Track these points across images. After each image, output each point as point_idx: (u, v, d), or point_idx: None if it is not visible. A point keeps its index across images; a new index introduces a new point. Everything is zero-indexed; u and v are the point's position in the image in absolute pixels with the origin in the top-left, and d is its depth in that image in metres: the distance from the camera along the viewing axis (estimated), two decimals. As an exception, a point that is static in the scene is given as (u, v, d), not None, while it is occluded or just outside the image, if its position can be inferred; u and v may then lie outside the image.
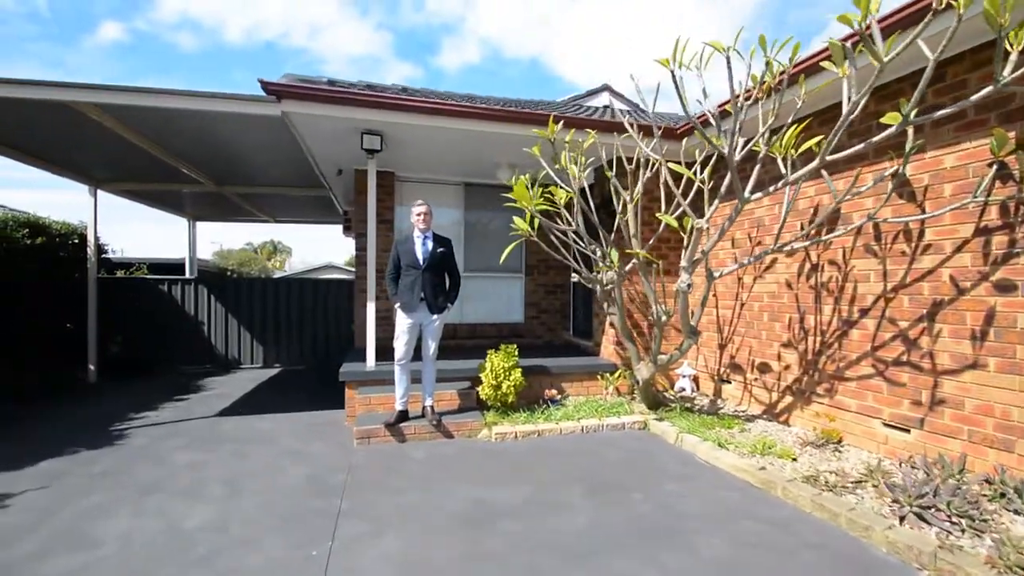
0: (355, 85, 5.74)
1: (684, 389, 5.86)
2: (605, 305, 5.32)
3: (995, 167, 3.12)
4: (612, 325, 5.93)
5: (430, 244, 4.52)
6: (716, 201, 3.88)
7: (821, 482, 3.34)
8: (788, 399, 4.73)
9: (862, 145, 3.28)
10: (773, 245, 4.04)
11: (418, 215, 4.50)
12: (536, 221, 4.40)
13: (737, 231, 5.35)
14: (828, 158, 3.31)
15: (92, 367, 7.21)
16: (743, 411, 5.17)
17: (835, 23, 2.74)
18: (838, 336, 4.22)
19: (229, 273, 18.32)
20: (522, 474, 3.73)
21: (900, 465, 3.52)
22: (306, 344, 9.08)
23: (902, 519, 2.82)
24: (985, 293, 3.21)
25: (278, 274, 31.15)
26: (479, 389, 4.88)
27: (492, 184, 7.42)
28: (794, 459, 3.82)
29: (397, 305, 4.52)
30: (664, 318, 4.48)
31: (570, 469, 3.82)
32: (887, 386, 3.82)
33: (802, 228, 4.57)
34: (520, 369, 4.86)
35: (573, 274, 5.74)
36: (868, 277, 3.98)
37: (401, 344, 4.47)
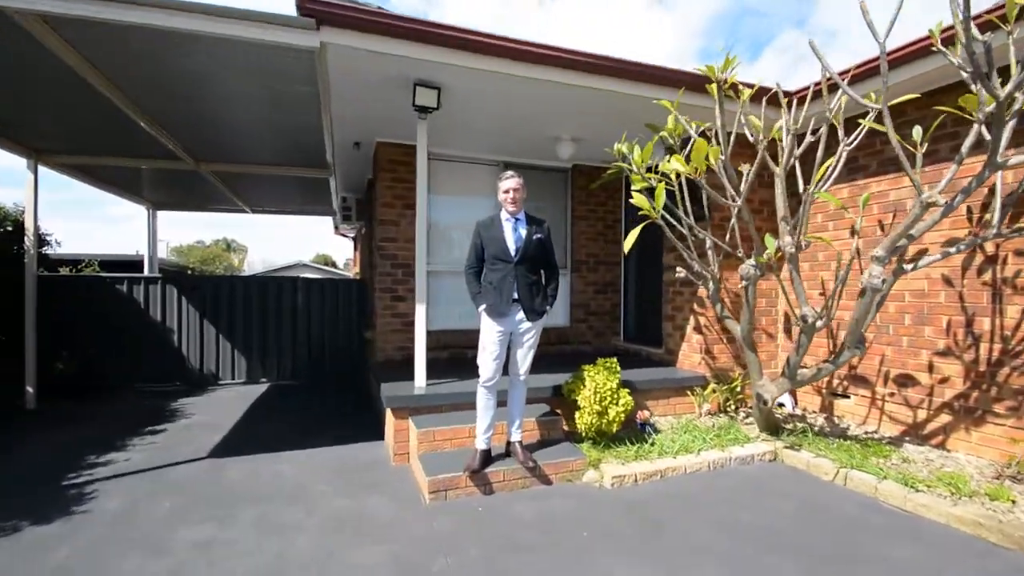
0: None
1: (784, 405, 4.99)
2: (718, 307, 4.35)
3: None
4: (724, 330, 4.98)
5: (523, 230, 3.42)
6: (954, 166, 2.89)
7: (1108, 544, 2.48)
8: (945, 418, 3.91)
9: None
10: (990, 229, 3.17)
11: (506, 192, 3.39)
12: (662, 200, 3.37)
13: (860, 218, 4.50)
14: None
15: (31, 389, 5.62)
16: (874, 432, 4.33)
17: None
18: (1034, 344, 3.42)
19: (190, 271, 16.31)
20: (688, 541, 2.69)
21: None
22: (300, 355, 7.68)
23: None
24: None
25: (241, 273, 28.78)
26: (577, 416, 3.79)
27: (536, 165, 6.35)
28: (1012, 500, 2.97)
29: (482, 308, 3.40)
30: (819, 323, 3.55)
31: (740, 530, 2.82)
32: (1124, 407, 3.03)
33: (969, 213, 3.76)
34: (627, 389, 3.82)
35: (678, 270, 4.74)
36: (1089, 270, 3.18)
37: (490, 359, 3.35)
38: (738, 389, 4.90)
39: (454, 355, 5.79)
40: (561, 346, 6.32)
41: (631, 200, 3.67)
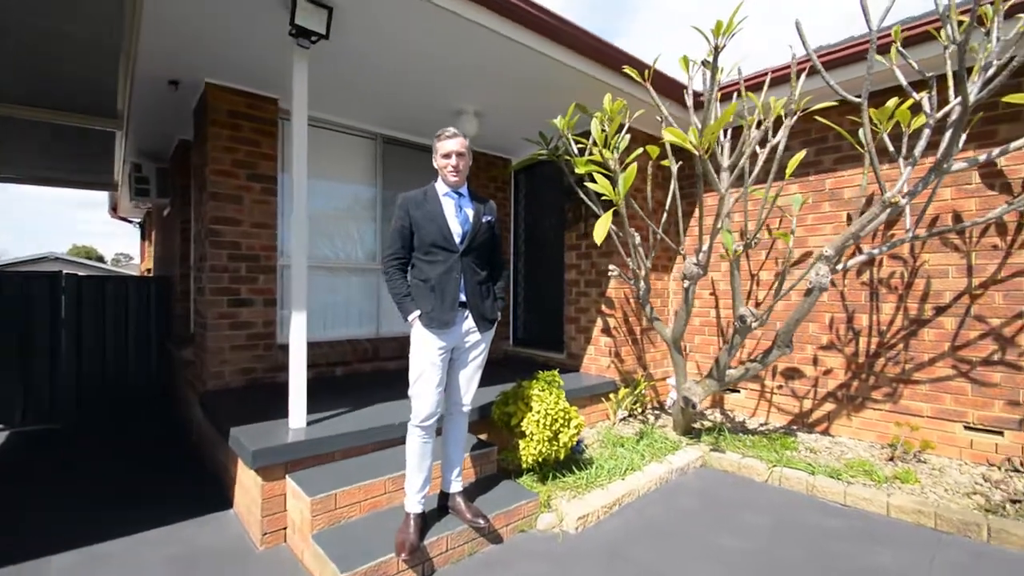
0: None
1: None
2: (647, 308, 4.06)
3: None
4: (630, 332, 4.72)
5: (470, 209, 2.57)
6: (908, 168, 2.94)
7: (1012, 511, 2.78)
8: (829, 407, 4.28)
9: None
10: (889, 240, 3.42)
11: (446, 156, 2.49)
12: (629, 183, 2.87)
13: (751, 223, 4.73)
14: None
15: None
16: (766, 425, 4.58)
17: None
18: (904, 336, 3.89)
19: None
20: (697, 595, 2.23)
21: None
22: (63, 386, 5.29)
23: None
24: (1110, 288, 3.11)
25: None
26: (521, 445, 3.05)
27: (424, 145, 5.40)
28: (919, 482, 3.27)
29: (414, 317, 2.44)
30: (755, 324, 3.49)
31: (735, 561, 2.48)
32: (972, 387, 3.58)
33: (848, 220, 4.16)
34: (574, 408, 3.24)
35: (611, 268, 4.31)
36: (946, 273, 3.70)
37: (428, 389, 2.42)
38: (643, 392, 4.77)
39: (320, 375, 4.52)
40: (449, 355, 5.48)
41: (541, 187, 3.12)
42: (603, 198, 3.01)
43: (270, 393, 3.85)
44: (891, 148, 3.30)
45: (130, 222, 10.96)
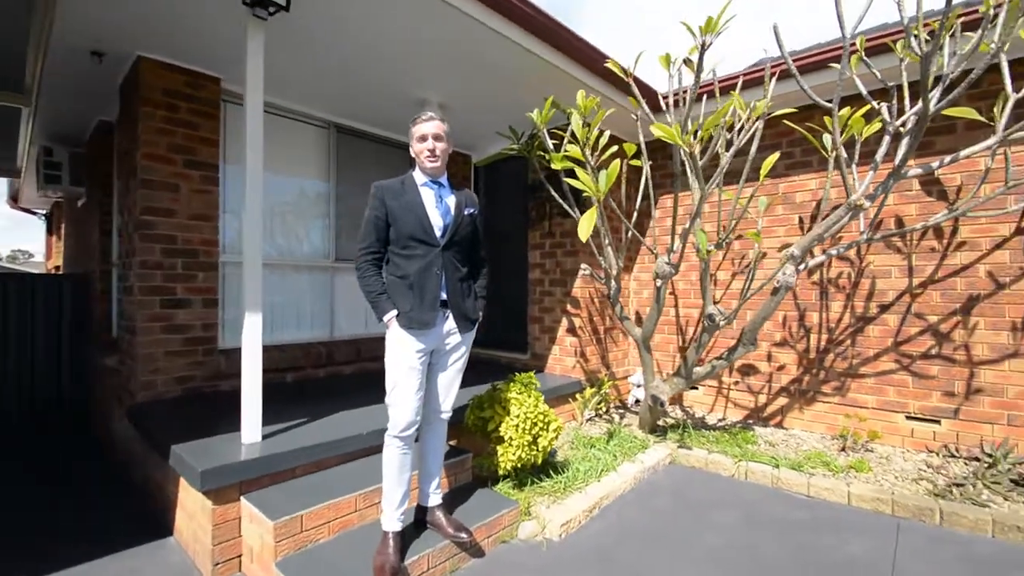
0: None
1: (640, 400, 5.09)
2: (617, 308, 4.03)
3: (1042, 170, 3.35)
4: (595, 331, 4.68)
5: (451, 200, 2.41)
6: (870, 172, 3.07)
7: (957, 494, 2.98)
8: (783, 401, 4.47)
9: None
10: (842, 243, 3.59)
11: (422, 139, 2.33)
12: (612, 179, 2.81)
13: (707, 224, 4.86)
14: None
15: None
16: (723, 420, 4.72)
17: None
18: (851, 333, 4.12)
19: None
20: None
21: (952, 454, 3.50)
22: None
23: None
24: (1028, 287, 3.43)
25: None
26: (499, 451, 2.91)
27: (380, 136, 5.13)
28: (871, 470, 3.46)
29: (390, 317, 2.24)
30: (723, 322, 3.55)
31: (726, 561, 2.49)
32: (913, 380, 3.85)
33: (800, 223, 4.36)
34: (552, 410, 3.14)
35: (583, 267, 4.24)
36: (889, 273, 3.96)
37: (407, 395, 2.23)
38: (607, 391, 4.77)
39: (269, 382, 4.14)
40: (408, 357, 5.23)
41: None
42: (584, 194, 2.94)
43: (212, 404, 3.48)
44: (844, 155, 3.50)
45: (34, 214, 9.72)
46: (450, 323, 2.35)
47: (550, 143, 3.61)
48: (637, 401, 5.09)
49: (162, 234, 3.63)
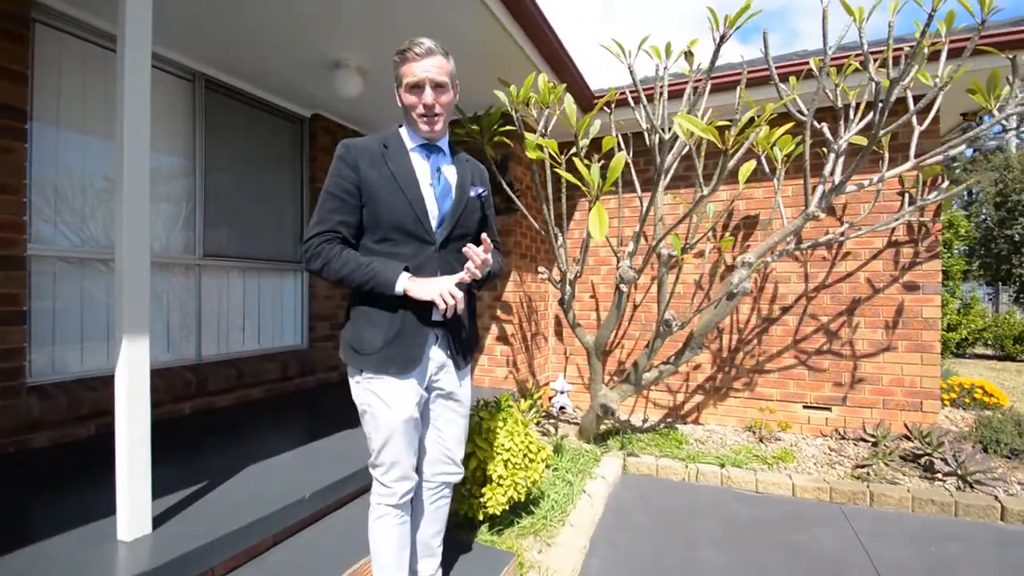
0: None
1: (564, 407, 4.95)
2: (570, 315, 3.74)
3: (906, 196, 4.03)
4: (524, 339, 4.31)
5: (452, 173, 1.76)
6: (822, 186, 3.24)
7: (872, 474, 3.38)
8: (698, 398, 4.72)
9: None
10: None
11: (417, 87, 1.58)
12: (616, 173, 2.51)
13: (627, 228, 4.91)
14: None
15: None
16: (646, 420, 4.82)
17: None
18: (758, 333, 4.51)
19: None
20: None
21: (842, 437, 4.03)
22: None
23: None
24: (896, 292, 4.10)
25: None
26: (486, 491, 2.38)
27: (262, 99, 4.08)
28: (795, 459, 3.78)
29: (404, 279, 1.53)
30: (677, 327, 3.54)
31: (731, 581, 2.38)
32: (809, 373, 4.35)
33: (714, 231, 4.64)
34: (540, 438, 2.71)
35: (540, 269, 3.77)
36: (789, 279, 4.42)
37: (398, 452, 1.59)
38: (539, 400, 4.51)
39: (111, 426, 2.94)
40: (303, 378, 4.27)
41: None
42: (581, 189, 2.59)
43: (30, 473, 2.29)
44: (767, 169, 3.79)
45: None
46: (443, 356, 1.69)
47: (522, 128, 3.18)
48: (562, 409, 4.92)
49: None
